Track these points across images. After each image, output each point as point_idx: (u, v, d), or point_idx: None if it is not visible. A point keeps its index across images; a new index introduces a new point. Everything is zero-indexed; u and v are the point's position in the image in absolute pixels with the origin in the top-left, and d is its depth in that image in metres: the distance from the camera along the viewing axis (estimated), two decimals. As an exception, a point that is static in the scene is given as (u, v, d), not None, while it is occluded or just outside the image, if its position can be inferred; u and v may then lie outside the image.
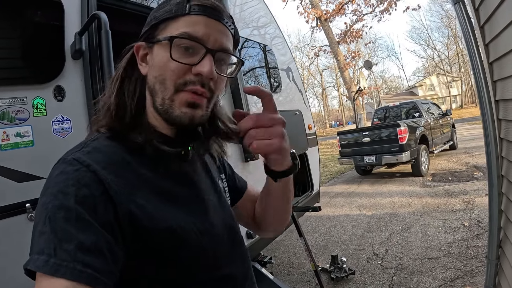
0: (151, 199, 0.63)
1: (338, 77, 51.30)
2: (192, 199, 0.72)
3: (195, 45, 0.65)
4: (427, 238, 4.11)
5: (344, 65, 19.02)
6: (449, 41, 51.23)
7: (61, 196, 0.54)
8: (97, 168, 0.58)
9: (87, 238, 0.51)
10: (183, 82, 0.65)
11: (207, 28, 0.65)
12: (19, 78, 1.55)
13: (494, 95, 1.95)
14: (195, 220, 0.68)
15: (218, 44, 0.66)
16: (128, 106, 0.69)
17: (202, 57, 0.65)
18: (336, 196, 7.43)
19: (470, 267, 3.19)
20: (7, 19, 1.54)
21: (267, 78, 3.78)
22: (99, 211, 0.55)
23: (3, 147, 1.43)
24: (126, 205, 0.58)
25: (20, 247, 1.40)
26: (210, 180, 0.82)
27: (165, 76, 0.65)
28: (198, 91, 0.65)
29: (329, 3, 20.03)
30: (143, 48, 0.71)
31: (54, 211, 0.52)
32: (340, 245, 4.40)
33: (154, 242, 0.60)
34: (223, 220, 0.76)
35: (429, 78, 54.41)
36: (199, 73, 0.64)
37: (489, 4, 1.69)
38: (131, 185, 0.62)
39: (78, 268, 0.48)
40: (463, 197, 5.61)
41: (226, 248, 0.74)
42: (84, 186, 0.55)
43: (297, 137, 3.69)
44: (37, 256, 0.49)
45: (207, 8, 0.66)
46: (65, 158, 0.61)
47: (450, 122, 11.17)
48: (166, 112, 0.66)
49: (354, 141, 8.62)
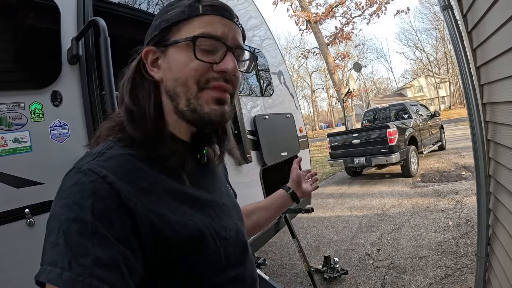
0: (170, 206, 0.63)
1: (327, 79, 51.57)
2: (208, 202, 0.72)
3: (216, 43, 0.65)
4: (417, 238, 4.19)
5: (333, 67, 19.19)
6: (437, 43, 51.90)
7: (76, 208, 0.52)
8: (114, 179, 0.57)
9: (104, 253, 0.50)
10: (205, 80, 0.65)
11: (224, 27, 0.67)
12: (16, 83, 1.55)
13: (481, 98, 2.01)
14: (213, 223, 0.68)
15: (235, 42, 0.68)
16: (146, 113, 0.67)
17: (224, 55, 0.66)
18: (327, 197, 7.49)
19: (460, 265, 3.27)
20: (3, 25, 1.54)
21: (259, 82, 3.81)
22: (115, 224, 0.53)
23: (1, 152, 1.42)
24: (145, 216, 0.57)
25: (19, 252, 1.41)
26: (223, 184, 0.84)
27: (186, 76, 0.65)
28: (223, 87, 0.67)
29: (319, 6, 20.21)
30: (153, 53, 0.69)
31: (68, 223, 0.51)
32: (332, 246, 4.45)
33: (175, 248, 0.60)
34: (236, 224, 0.78)
35: (417, 79, 55.00)
36: (223, 71, 0.66)
37: (477, 10, 1.75)
38: (149, 194, 0.60)
39: (94, 284, 0.47)
40: (452, 196, 5.71)
41: (237, 251, 0.75)
42: (101, 199, 0.54)
43: (288, 140, 3.73)
44: (50, 268, 0.48)
45: (219, 8, 0.67)
46: (79, 167, 0.59)
47: (439, 123, 11.34)
48: (194, 111, 0.66)
49: (344, 143, 8.69)
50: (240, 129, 2.81)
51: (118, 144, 0.66)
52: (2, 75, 1.52)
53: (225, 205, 0.77)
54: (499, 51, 1.53)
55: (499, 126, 1.78)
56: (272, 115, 3.57)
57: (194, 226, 0.64)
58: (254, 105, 3.47)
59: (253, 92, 3.63)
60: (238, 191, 1.01)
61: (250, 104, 3.38)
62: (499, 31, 1.49)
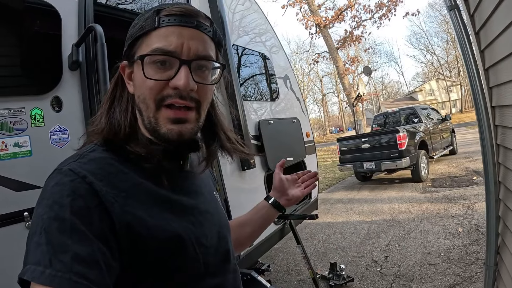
0: (149, 209, 0.63)
1: (338, 83, 51.40)
2: (190, 208, 0.72)
3: (169, 58, 0.64)
4: (426, 244, 4.10)
5: (343, 71, 19.11)
6: (448, 46, 51.34)
7: (56, 207, 0.54)
8: (93, 179, 0.58)
9: (83, 249, 0.51)
10: (161, 98, 0.65)
11: (180, 38, 0.64)
12: (17, 89, 1.56)
13: (490, 101, 1.95)
14: (193, 229, 0.68)
15: (193, 53, 0.65)
16: (122, 124, 0.68)
17: (177, 69, 0.64)
18: (336, 202, 7.42)
19: (470, 273, 3.18)
20: (5, 31, 1.56)
21: (264, 86, 3.80)
22: (94, 222, 0.54)
23: (2, 156, 1.44)
24: (122, 216, 0.58)
25: (18, 255, 1.41)
26: (209, 191, 0.83)
27: (144, 95, 0.66)
28: (176, 103, 0.65)
29: (328, 9, 20.18)
30: (127, 67, 0.70)
31: (49, 222, 0.52)
32: (339, 252, 4.38)
33: (152, 251, 0.60)
34: (218, 232, 0.76)
35: (428, 83, 54.55)
36: (175, 87, 0.64)
37: (484, 10, 1.70)
38: (128, 196, 0.61)
39: (73, 279, 0.48)
40: (462, 202, 5.60)
41: (219, 259, 0.74)
42: (80, 197, 0.55)
43: (294, 145, 3.70)
44: (34, 267, 0.49)
45: (178, 16, 0.64)
46: (60, 168, 0.60)
47: (450, 127, 11.18)
48: (153, 130, 0.66)
49: (354, 147, 8.63)
50: (244, 134, 2.78)
51: (100, 148, 0.67)
52: (3, 80, 1.53)
53: (208, 212, 0.76)
54: (507, 52, 1.48)
55: (509, 130, 1.72)
56: (277, 119, 3.55)
57: (172, 230, 0.64)
58: (259, 110, 3.45)
59: (258, 97, 3.62)
60: (242, 196, 0.99)
61: (255, 109, 3.37)
62: (507, 30, 1.45)
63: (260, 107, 3.50)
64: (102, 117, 0.69)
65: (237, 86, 2.84)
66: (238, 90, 2.84)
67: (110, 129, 0.68)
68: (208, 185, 0.85)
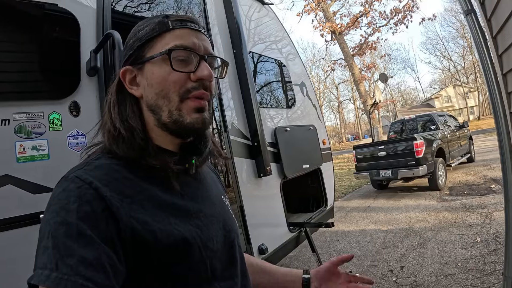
0: (155, 214, 0.63)
1: (354, 91, 51.00)
2: (195, 212, 0.72)
3: (189, 54, 0.69)
4: (443, 254, 4.00)
5: (359, 78, 18.99)
6: (464, 51, 50.44)
7: (63, 212, 0.55)
8: (99, 185, 0.60)
9: (89, 253, 0.52)
10: (185, 90, 0.69)
11: (194, 38, 0.71)
12: (36, 93, 1.61)
13: (509, 107, 1.91)
14: (199, 233, 0.68)
15: (206, 50, 0.72)
16: (135, 128, 0.69)
17: (198, 63, 0.70)
18: (352, 211, 7.32)
19: (487, 283, 3.08)
20: (25, 37, 1.61)
21: (281, 93, 3.81)
22: (100, 227, 0.56)
23: (20, 159, 1.48)
24: (128, 221, 0.59)
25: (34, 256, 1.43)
26: (216, 195, 0.83)
27: (167, 89, 0.68)
28: (203, 95, 0.70)
29: (344, 16, 20.17)
30: (130, 72, 0.72)
31: (56, 227, 0.54)
32: (355, 261, 4.30)
33: (157, 256, 0.60)
34: (225, 236, 0.76)
35: (445, 89, 53.61)
36: (200, 78, 0.69)
37: (501, 14, 1.68)
38: (133, 201, 0.62)
39: (79, 282, 0.49)
40: (480, 211, 5.45)
41: (225, 264, 0.73)
42: (86, 203, 0.57)
43: (310, 152, 3.68)
44: (40, 271, 0.50)
45: (187, 21, 0.72)
46: (67, 176, 0.63)
47: (467, 134, 10.95)
48: (176, 122, 0.69)
49: (370, 155, 8.51)
50: (260, 142, 2.78)
51: (106, 155, 0.69)
52: (23, 85, 1.58)
53: (213, 216, 0.76)
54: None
55: (528, 136, 1.68)
56: (294, 127, 3.55)
57: (179, 234, 0.64)
58: (275, 117, 3.46)
59: (274, 104, 3.62)
60: (258, 204, 0.96)
61: (271, 116, 3.38)
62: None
63: (276, 114, 3.51)
64: (116, 122, 0.69)
65: (253, 93, 2.86)
66: (254, 97, 2.86)
67: (120, 140, 0.68)
68: (216, 189, 0.85)
